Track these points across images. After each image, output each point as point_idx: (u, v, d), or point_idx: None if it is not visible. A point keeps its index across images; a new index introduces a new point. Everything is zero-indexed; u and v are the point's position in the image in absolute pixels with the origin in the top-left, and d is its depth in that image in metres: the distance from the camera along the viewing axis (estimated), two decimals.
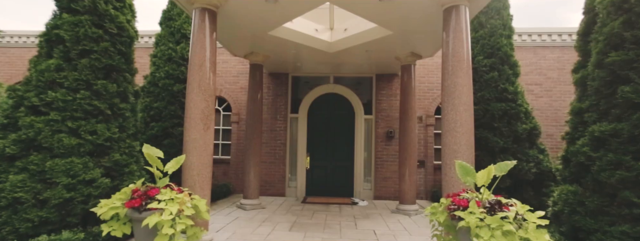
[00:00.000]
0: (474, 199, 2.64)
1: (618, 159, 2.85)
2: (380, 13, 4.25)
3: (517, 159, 5.37)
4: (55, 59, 3.57)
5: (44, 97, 3.39)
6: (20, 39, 8.61)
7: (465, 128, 3.42)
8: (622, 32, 2.99)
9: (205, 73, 3.72)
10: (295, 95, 7.79)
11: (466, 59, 3.52)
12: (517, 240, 2.37)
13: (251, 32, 5.04)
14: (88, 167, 3.41)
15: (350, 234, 4.37)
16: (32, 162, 3.18)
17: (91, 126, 3.53)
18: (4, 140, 3.22)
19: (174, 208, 2.67)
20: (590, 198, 3.04)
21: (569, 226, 3.24)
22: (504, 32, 5.72)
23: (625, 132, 2.85)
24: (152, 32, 8.10)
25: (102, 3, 3.79)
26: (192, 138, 3.61)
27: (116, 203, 2.72)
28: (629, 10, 2.98)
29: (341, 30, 5.74)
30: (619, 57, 2.95)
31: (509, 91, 5.54)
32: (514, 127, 5.45)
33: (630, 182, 2.78)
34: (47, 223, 3.11)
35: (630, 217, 2.76)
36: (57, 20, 3.70)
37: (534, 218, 2.52)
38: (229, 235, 4.22)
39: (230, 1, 3.94)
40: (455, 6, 3.60)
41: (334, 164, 7.52)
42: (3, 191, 3.02)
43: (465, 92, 3.47)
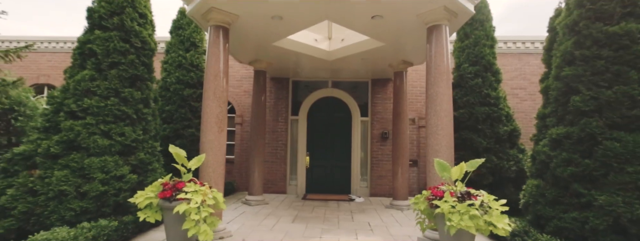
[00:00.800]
0: (449, 191, 3.17)
1: (569, 157, 3.40)
2: (373, 28, 4.80)
3: (498, 159, 5.92)
4: (88, 70, 4.08)
5: (80, 104, 3.90)
6: (35, 44, 9.08)
7: (445, 131, 3.96)
8: (573, 51, 3.54)
9: (220, 82, 4.25)
10: (296, 98, 8.31)
11: (446, 71, 4.06)
12: (482, 223, 2.91)
13: (257, 43, 5.56)
14: (118, 164, 3.92)
15: (347, 225, 4.90)
16: (73, 160, 3.69)
17: (120, 128, 4.05)
18: (49, 141, 3.73)
19: (198, 198, 3.19)
20: (549, 190, 3.58)
21: (533, 215, 3.78)
22: (487, 42, 6.27)
23: (575, 134, 3.39)
24: (161, 39, 8.58)
25: (128, 20, 4.31)
26: (208, 139, 4.13)
27: (150, 194, 3.24)
28: (578, 32, 3.53)
29: (339, 40, 6.28)
30: (571, 72, 3.50)
31: (491, 96, 6.09)
32: (496, 129, 6.00)
33: (578, 176, 3.33)
34: (86, 212, 3.63)
35: (579, 205, 3.30)
36: (90, 36, 4.22)
37: (497, 206, 3.06)
38: (239, 225, 4.74)
39: (240, 18, 4.47)
40: (437, 25, 4.14)
41: (333, 163, 8.05)
42: (50, 185, 3.54)
43: (446, 100, 4.02)
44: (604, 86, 3.31)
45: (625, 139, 3.11)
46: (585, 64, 3.44)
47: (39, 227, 3.45)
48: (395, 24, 4.61)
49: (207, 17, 4.31)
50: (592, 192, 3.20)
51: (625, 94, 3.17)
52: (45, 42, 9.07)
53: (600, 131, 3.25)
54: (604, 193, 3.12)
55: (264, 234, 4.29)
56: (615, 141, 3.14)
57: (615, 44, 3.29)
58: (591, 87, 3.38)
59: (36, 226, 3.46)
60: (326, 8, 4.16)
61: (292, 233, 4.34)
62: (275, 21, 4.61)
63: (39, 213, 3.48)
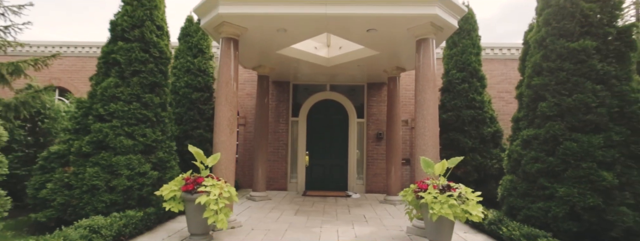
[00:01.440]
0: (432, 184, 3.70)
1: (537, 155, 3.94)
2: (368, 39, 5.32)
3: (483, 157, 6.48)
4: (113, 78, 4.56)
5: (107, 108, 4.38)
6: (47, 49, 9.50)
7: (431, 132, 4.49)
8: (541, 63, 4.08)
9: (231, 89, 4.74)
10: (296, 101, 8.81)
11: (432, 79, 4.59)
12: (459, 211, 3.44)
13: (261, 51, 6.06)
14: (141, 162, 4.41)
15: (345, 217, 5.41)
16: (102, 158, 4.17)
17: (142, 130, 4.53)
18: (80, 141, 4.21)
19: (216, 191, 3.69)
20: (520, 184, 4.12)
21: (507, 206, 4.32)
22: (473, 50, 6.82)
23: (541, 136, 3.93)
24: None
25: (148, 32, 4.79)
26: (221, 140, 4.63)
27: (174, 187, 3.74)
28: (545, 47, 4.07)
29: (337, 47, 6.79)
30: (539, 81, 4.04)
31: (477, 100, 6.64)
32: (481, 130, 6.55)
33: (544, 172, 3.87)
34: (115, 204, 4.11)
35: (544, 197, 3.84)
36: (113, 46, 4.69)
37: (473, 197, 3.59)
38: (247, 218, 5.24)
39: (249, 31, 4.97)
40: (425, 38, 4.67)
41: (331, 162, 8.56)
42: (84, 180, 4.02)
43: (432, 105, 4.54)
44: (565, 94, 3.85)
45: (581, 140, 3.65)
46: (551, 75, 3.98)
47: (75, 217, 3.93)
48: (388, 36, 5.13)
49: (219, 29, 4.80)
50: (554, 185, 3.75)
51: (582, 101, 3.71)
52: (56, 47, 9.49)
53: (561, 132, 3.80)
54: (563, 186, 3.67)
55: (270, 224, 4.80)
56: (573, 141, 3.69)
57: (575, 58, 3.84)
58: (555, 95, 3.92)
59: (72, 216, 3.94)
60: (326, 23, 4.67)
61: (295, 224, 4.85)
62: (279, 33, 5.11)
63: (75, 205, 3.96)
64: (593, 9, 3.86)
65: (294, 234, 4.29)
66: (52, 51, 9.56)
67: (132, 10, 4.75)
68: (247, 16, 4.52)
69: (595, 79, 3.76)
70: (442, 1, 4.35)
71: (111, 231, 3.49)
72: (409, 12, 4.35)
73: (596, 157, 3.55)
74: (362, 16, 4.43)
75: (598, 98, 3.69)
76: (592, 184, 3.51)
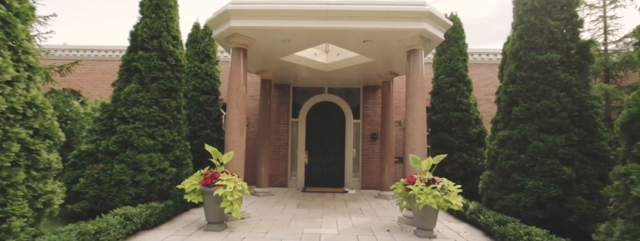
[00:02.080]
0: (419, 178, 4.27)
1: (510, 153, 4.53)
2: (364, 48, 5.87)
3: (468, 155, 7.07)
4: (134, 84, 5.07)
5: (130, 111, 4.89)
6: (64, 53, 9.90)
7: (420, 133, 5.06)
8: (515, 72, 4.67)
9: (240, 94, 5.27)
10: (296, 102, 9.35)
11: (421, 85, 5.16)
12: (441, 201, 4.01)
13: (266, 57, 6.58)
14: (161, 160, 4.92)
15: (342, 210, 5.97)
16: (128, 156, 4.68)
17: (161, 131, 5.05)
18: (107, 141, 4.71)
19: (231, 184, 4.22)
20: (497, 178, 4.71)
21: (486, 197, 4.91)
22: (460, 57, 7.41)
23: (514, 136, 4.53)
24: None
25: (165, 43, 5.30)
26: (232, 140, 5.16)
27: (194, 181, 4.27)
28: (519, 58, 4.66)
29: (335, 54, 7.34)
30: (513, 88, 4.63)
31: (463, 103, 7.24)
32: (467, 130, 7.15)
33: (516, 167, 4.46)
34: (139, 197, 4.62)
35: (516, 189, 4.43)
36: (134, 55, 5.19)
37: (454, 189, 4.16)
38: (254, 210, 5.78)
39: (256, 41, 5.50)
40: (414, 49, 5.24)
41: (329, 160, 9.12)
42: (112, 175, 4.52)
43: (421, 108, 5.12)
44: (535, 100, 4.44)
45: (546, 139, 4.25)
46: (523, 83, 4.57)
47: (105, 208, 4.44)
48: (382, 46, 5.69)
49: (230, 40, 5.32)
50: (524, 179, 4.34)
51: (548, 106, 4.30)
52: (66, 51, 9.90)
53: (531, 133, 4.39)
54: (532, 180, 4.26)
55: (276, 216, 5.34)
56: (540, 141, 4.28)
57: (543, 69, 4.43)
58: (526, 100, 4.51)
59: (102, 207, 4.45)
60: (326, 35, 5.22)
61: (298, 215, 5.40)
62: (284, 43, 5.65)
63: (105, 197, 4.47)
64: (558, 26, 4.46)
65: (298, 223, 4.84)
66: (61, 55, 9.98)
67: (151, 22, 5.26)
68: (255, 29, 5.05)
69: (559, 87, 4.35)
70: (430, 17, 4.92)
71: (140, 220, 4.01)
72: (400, 27, 4.91)
73: (558, 154, 4.14)
74: (359, 30, 4.98)
75: (561, 104, 4.28)
76: (555, 177, 4.11)
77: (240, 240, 3.96)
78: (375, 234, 4.31)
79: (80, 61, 5.62)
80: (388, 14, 4.80)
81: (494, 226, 4.04)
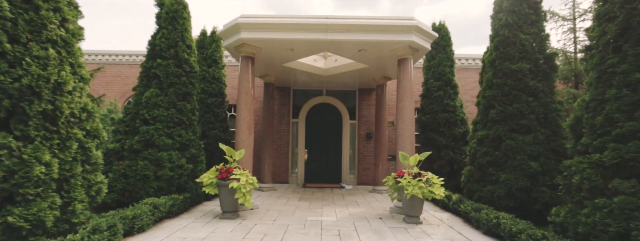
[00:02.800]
0: (407, 172, 4.92)
1: (487, 150, 5.19)
2: (359, 57, 6.51)
3: (454, 153, 7.74)
4: (154, 89, 5.65)
5: (151, 114, 5.47)
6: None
7: (409, 132, 5.71)
8: (492, 79, 5.33)
9: (249, 98, 5.88)
10: (296, 104, 9.96)
11: (410, 90, 5.81)
12: (426, 191, 4.65)
13: (270, 64, 7.19)
14: (179, 157, 5.52)
15: (340, 202, 6.60)
16: (150, 154, 5.27)
17: (178, 131, 5.64)
18: (131, 140, 5.30)
19: (244, 178, 4.83)
20: (476, 173, 5.37)
21: (467, 189, 5.57)
22: (447, 63, 8.08)
23: (490, 135, 5.19)
24: None
25: (180, 51, 5.88)
26: (242, 139, 5.76)
27: (211, 176, 4.87)
28: (495, 67, 5.31)
29: (333, 60, 7.97)
30: (490, 93, 5.29)
31: (450, 105, 7.90)
32: (453, 130, 7.81)
33: (492, 163, 5.12)
34: (161, 190, 5.21)
35: (491, 182, 5.09)
36: (153, 63, 5.77)
37: (437, 181, 4.81)
38: (260, 203, 6.39)
39: (263, 50, 6.10)
40: (404, 58, 5.88)
41: (327, 158, 9.74)
42: (137, 171, 5.11)
43: (410, 111, 5.76)
44: (508, 104, 5.11)
45: (517, 138, 4.91)
46: (498, 89, 5.23)
47: (131, 199, 5.03)
48: (376, 54, 6.33)
49: (239, 49, 5.92)
50: (498, 173, 5.01)
51: (518, 110, 4.97)
52: (93, 55, 10.39)
53: (504, 133, 5.05)
54: (504, 173, 4.92)
55: (281, 207, 5.96)
56: (512, 140, 4.94)
57: (515, 76, 5.10)
58: (501, 104, 5.18)
59: (129, 199, 5.04)
60: (326, 45, 5.85)
61: (301, 206, 6.02)
62: (287, 51, 6.27)
63: (131, 190, 5.06)
64: (528, 40, 5.12)
65: (302, 213, 5.46)
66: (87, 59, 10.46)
67: (168, 33, 5.84)
68: (262, 40, 5.66)
69: (528, 93, 5.02)
70: (418, 30, 5.56)
71: (165, 209, 4.60)
72: (391, 39, 5.55)
73: (527, 151, 4.81)
74: (355, 41, 5.61)
75: (530, 107, 4.95)
76: (523, 171, 4.77)
77: (253, 225, 4.58)
78: (369, 221, 4.95)
79: (102, 68, 6.18)
80: (381, 27, 5.44)
81: (471, 213, 4.69)
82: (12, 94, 2.71)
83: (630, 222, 2.75)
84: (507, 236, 3.76)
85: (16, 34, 2.80)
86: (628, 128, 2.95)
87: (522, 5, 5.22)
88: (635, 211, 2.75)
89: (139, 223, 3.97)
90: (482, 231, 4.38)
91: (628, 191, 2.83)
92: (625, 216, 2.80)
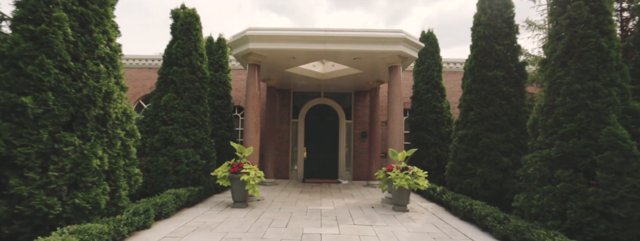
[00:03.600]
0: (396, 166, 5.63)
1: (466, 147, 5.91)
2: (354, 63, 7.21)
3: (441, 150, 8.47)
4: (171, 93, 6.31)
5: (169, 115, 6.14)
6: None
7: (398, 131, 6.42)
8: (471, 85, 6.05)
9: (256, 101, 6.56)
10: (295, 105, 10.64)
11: (399, 94, 6.52)
12: (412, 183, 5.37)
13: (273, 69, 7.87)
14: (194, 154, 6.19)
15: (337, 195, 7.31)
16: (169, 151, 5.94)
17: (193, 131, 6.31)
18: (152, 139, 5.96)
19: (253, 172, 5.52)
20: (457, 167, 6.10)
21: (449, 182, 6.30)
22: (435, 67, 8.80)
23: (469, 134, 5.91)
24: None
25: (194, 59, 6.54)
26: (249, 138, 6.44)
27: (224, 170, 5.55)
28: (474, 74, 6.02)
29: (330, 65, 8.66)
30: (470, 97, 6.01)
31: (438, 106, 8.63)
32: (441, 130, 8.54)
33: (470, 158, 5.84)
34: (178, 183, 5.89)
35: (469, 175, 5.82)
36: (169, 70, 6.43)
37: (422, 174, 5.54)
38: (266, 195, 7.08)
39: (267, 58, 6.78)
40: (394, 66, 6.59)
41: (324, 155, 10.44)
42: (158, 166, 5.78)
43: (399, 112, 6.47)
44: (485, 106, 5.83)
45: (492, 137, 5.64)
46: (477, 93, 5.96)
47: (153, 191, 5.69)
48: (369, 62, 7.03)
49: (247, 57, 6.60)
50: (476, 167, 5.73)
51: (493, 112, 5.69)
52: None
53: (481, 132, 5.78)
54: (481, 167, 5.65)
55: (284, 198, 6.65)
56: (488, 138, 5.67)
57: (491, 82, 5.82)
58: (479, 107, 5.90)
59: (151, 190, 5.71)
60: (324, 54, 6.54)
61: (302, 198, 6.72)
62: (289, 59, 6.95)
63: (152, 182, 5.73)
64: (502, 50, 5.84)
65: (303, 203, 6.16)
66: None
67: (183, 43, 6.50)
68: (268, 49, 6.34)
69: (502, 97, 5.75)
70: (406, 41, 6.27)
71: (184, 198, 5.28)
72: (382, 49, 6.26)
73: (500, 148, 5.54)
74: (350, 51, 6.31)
75: (503, 110, 5.68)
76: (497, 165, 5.50)
77: (261, 213, 5.27)
78: (362, 209, 5.66)
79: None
80: (373, 39, 6.14)
81: (451, 202, 5.42)
82: (75, 102, 3.38)
83: (567, 203, 3.48)
84: (478, 219, 4.49)
85: (77, 53, 3.47)
86: (569, 128, 3.68)
87: (497, 20, 5.94)
88: (571, 194, 3.48)
89: (165, 209, 4.65)
90: (459, 217, 5.11)
91: (567, 179, 3.56)
92: (564, 199, 3.53)
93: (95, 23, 3.70)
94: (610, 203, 3.18)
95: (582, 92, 3.66)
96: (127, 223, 3.64)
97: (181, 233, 4.02)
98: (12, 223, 2.99)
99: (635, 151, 3.17)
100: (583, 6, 3.80)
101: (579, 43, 3.79)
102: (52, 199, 3.11)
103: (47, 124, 3.18)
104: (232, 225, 4.43)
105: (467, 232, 4.32)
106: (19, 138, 3.04)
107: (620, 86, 3.59)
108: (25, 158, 3.04)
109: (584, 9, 3.78)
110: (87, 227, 3.07)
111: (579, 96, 3.68)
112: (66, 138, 3.26)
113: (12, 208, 2.96)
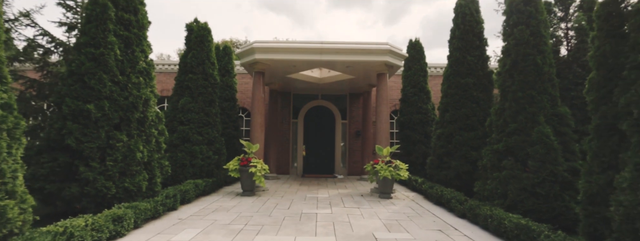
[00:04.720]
0: (381, 160, 6.59)
1: (442, 144, 6.87)
2: (348, 70, 8.16)
3: (426, 147, 9.43)
4: (186, 97, 7.26)
5: (186, 116, 7.09)
6: None
7: (385, 130, 7.38)
8: (447, 90, 7.00)
9: (260, 104, 7.51)
10: (295, 106, 11.59)
11: (386, 98, 7.48)
12: (395, 174, 6.34)
13: (275, 75, 8.82)
14: (207, 150, 7.14)
15: (333, 187, 8.27)
16: (186, 148, 6.89)
17: (206, 130, 7.26)
18: (172, 137, 6.92)
19: (259, 165, 6.47)
20: (435, 161, 7.06)
21: (430, 175, 7.27)
22: (421, 73, 9.75)
23: (445, 133, 6.88)
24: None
25: (206, 67, 7.49)
26: (255, 136, 7.40)
27: (235, 163, 6.51)
28: (451, 80, 6.98)
29: (327, 71, 9.62)
30: (446, 100, 6.97)
31: (423, 108, 9.59)
32: (426, 129, 9.50)
33: (446, 154, 6.80)
34: (194, 175, 6.85)
35: (445, 168, 6.76)
36: (185, 77, 7.38)
37: (403, 167, 6.50)
38: (269, 186, 8.03)
39: (271, 66, 7.73)
40: (382, 73, 7.55)
41: (322, 153, 11.40)
42: (177, 160, 6.74)
43: (386, 114, 7.43)
44: (458, 109, 6.79)
45: (464, 135, 6.59)
46: (452, 97, 6.91)
47: (173, 182, 6.64)
48: (361, 69, 7.99)
49: (253, 66, 7.55)
50: (450, 161, 6.70)
51: (465, 113, 6.65)
52: None
53: (455, 131, 6.74)
54: (454, 161, 6.60)
55: (286, 189, 7.61)
56: (460, 136, 6.63)
57: (463, 88, 6.77)
58: (453, 109, 6.85)
59: (171, 182, 6.66)
60: (321, 64, 7.50)
61: (301, 189, 7.68)
62: (290, 67, 7.90)
63: (172, 175, 6.68)
64: (473, 60, 6.79)
65: (302, 193, 7.12)
66: None
67: (197, 53, 7.45)
68: (271, 59, 7.29)
69: (472, 101, 6.70)
70: (391, 52, 7.23)
71: (201, 187, 6.24)
72: (371, 59, 7.21)
73: (470, 144, 6.49)
74: (343, 60, 7.27)
75: (473, 112, 6.63)
76: (467, 159, 6.46)
77: (267, 199, 6.23)
78: (353, 197, 6.62)
79: None
80: (363, 50, 7.10)
81: (428, 190, 6.39)
82: (123, 107, 4.33)
83: (508, 185, 4.44)
84: (446, 202, 5.46)
85: (123, 69, 4.42)
86: (513, 127, 4.64)
87: (469, 34, 6.90)
88: (511, 179, 4.44)
89: (188, 196, 5.60)
90: (433, 202, 6.08)
91: (509, 167, 4.52)
92: (506, 183, 4.49)
93: (136, 44, 4.65)
94: (537, 184, 4.14)
95: (523, 99, 4.62)
96: (162, 203, 4.59)
97: (204, 212, 4.98)
98: (81, 201, 3.95)
99: (555, 145, 4.13)
100: (525, 30, 4.76)
101: (522, 59, 4.75)
102: (109, 183, 4.06)
103: (104, 125, 4.13)
104: (244, 208, 5.39)
105: (436, 212, 5.29)
106: (84, 135, 4.00)
107: (551, 94, 4.55)
108: (90, 151, 3.99)
109: (525, 33, 4.74)
110: (136, 204, 4.02)
111: (520, 102, 4.64)
112: (117, 136, 4.22)
113: (82, 189, 3.91)
